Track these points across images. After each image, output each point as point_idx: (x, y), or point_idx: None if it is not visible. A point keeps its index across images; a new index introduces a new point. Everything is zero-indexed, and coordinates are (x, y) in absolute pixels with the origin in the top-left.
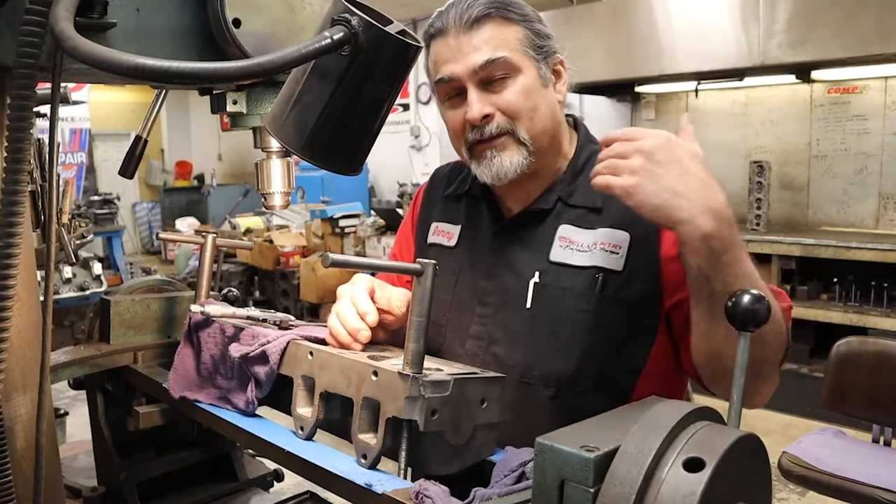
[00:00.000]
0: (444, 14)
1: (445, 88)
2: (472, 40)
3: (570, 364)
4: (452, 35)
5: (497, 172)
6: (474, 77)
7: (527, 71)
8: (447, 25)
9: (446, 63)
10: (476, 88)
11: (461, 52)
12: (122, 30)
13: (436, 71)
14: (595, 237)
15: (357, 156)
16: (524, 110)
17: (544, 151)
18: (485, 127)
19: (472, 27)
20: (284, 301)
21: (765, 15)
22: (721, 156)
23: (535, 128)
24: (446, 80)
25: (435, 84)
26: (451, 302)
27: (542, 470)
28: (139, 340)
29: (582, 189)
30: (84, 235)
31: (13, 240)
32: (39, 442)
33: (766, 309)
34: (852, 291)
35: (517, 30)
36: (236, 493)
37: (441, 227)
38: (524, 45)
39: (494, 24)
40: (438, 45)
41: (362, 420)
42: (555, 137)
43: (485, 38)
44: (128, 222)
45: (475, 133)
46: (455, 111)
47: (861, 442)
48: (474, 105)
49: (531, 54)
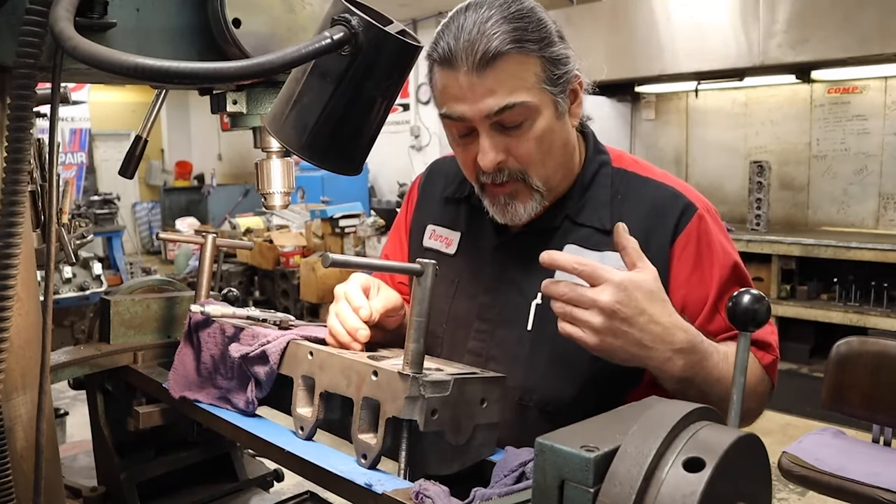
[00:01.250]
0: (451, 40)
1: (454, 125)
2: (486, 81)
3: (571, 390)
4: (463, 72)
5: (511, 218)
6: (486, 122)
7: (544, 111)
8: (456, 58)
9: (456, 101)
10: (488, 133)
11: (473, 93)
12: (122, 30)
13: (443, 103)
14: (602, 260)
15: (357, 156)
16: (538, 157)
17: (556, 184)
18: (497, 172)
19: (486, 66)
20: (284, 301)
21: (765, 15)
22: (721, 156)
23: (548, 171)
24: (455, 117)
25: (441, 115)
26: (448, 313)
27: (542, 470)
28: (139, 340)
29: (590, 207)
30: (84, 235)
31: (13, 240)
32: (39, 442)
33: (766, 309)
34: (852, 291)
35: (534, 63)
36: (236, 493)
37: (439, 231)
38: (541, 81)
39: (511, 61)
40: (446, 77)
41: (362, 420)
42: (567, 166)
43: (500, 80)
44: (128, 222)
45: (486, 177)
46: (465, 149)
47: (861, 442)
48: (487, 153)
49: (548, 89)
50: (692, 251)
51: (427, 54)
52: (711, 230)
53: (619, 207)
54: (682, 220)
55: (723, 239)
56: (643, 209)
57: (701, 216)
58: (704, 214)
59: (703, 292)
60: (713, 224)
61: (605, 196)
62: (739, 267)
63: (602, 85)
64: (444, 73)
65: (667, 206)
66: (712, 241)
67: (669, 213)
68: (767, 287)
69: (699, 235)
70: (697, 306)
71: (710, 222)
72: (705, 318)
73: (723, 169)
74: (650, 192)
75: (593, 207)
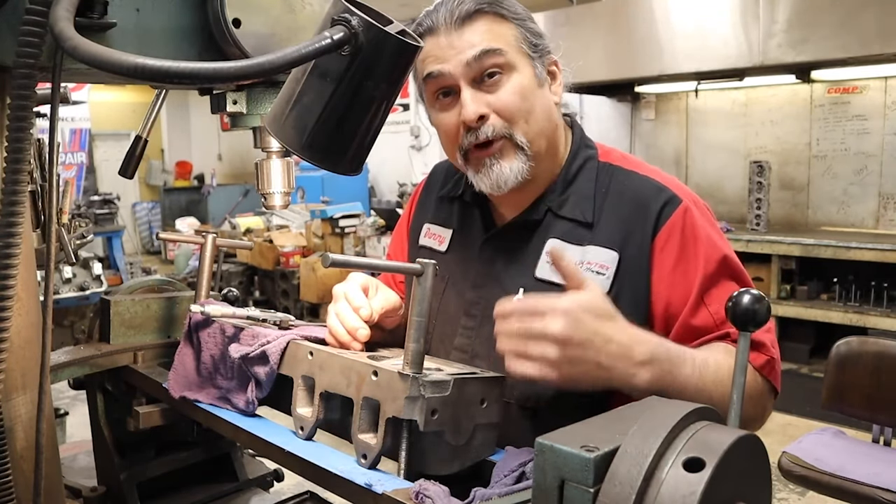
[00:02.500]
0: (433, 12)
1: (434, 86)
2: (464, 36)
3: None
4: (443, 33)
5: (497, 181)
6: (468, 73)
7: (522, 69)
8: (437, 23)
9: (437, 61)
10: (469, 87)
11: (453, 48)
12: (122, 30)
13: (423, 68)
14: (583, 255)
15: (357, 156)
16: (520, 111)
17: (542, 156)
18: (480, 129)
19: (463, 23)
20: (284, 301)
21: (765, 15)
22: (721, 156)
23: (532, 130)
24: (435, 74)
25: (423, 81)
26: (438, 310)
27: (542, 470)
28: (139, 340)
29: (573, 200)
30: (84, 235)
31: (13, 240)
32: (39, 442)
33: (766, 309)
34: (852, 291)
35: (510, 27)
36: (236, 493)
37: (433, 229)
38: (518, 41)
39: (487, 19)
40: (428, 43)
41: (362, 420)
42: (552, 141)
43: (478, 32)
44: (128, 222)
45: (470, 136)
46: (447, 114)
47: (861, 442)
48: (468, 105)
49: (526, 51)
50: (676, 244)
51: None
52: (698, 223)
53: (602, 201)
54: (664, 212)
55: (711, 232)
56: (626, 202)
57: (686, 208)
58: (690, 207)
59: (688, 286)
60: (700, 217)
61: (590, 190)
62: (730, 260)
63: (602, 85)
64: (426, 41)
65: (650, 199)
66: (698, 234)
67: (652, 206)
68: (767, 287)
69: (683, 227)
70: (681, 301)
71: (697, 215)
72: (689, 311)
73: (723, 169)
74: (633, 186)
75: (576, 200)
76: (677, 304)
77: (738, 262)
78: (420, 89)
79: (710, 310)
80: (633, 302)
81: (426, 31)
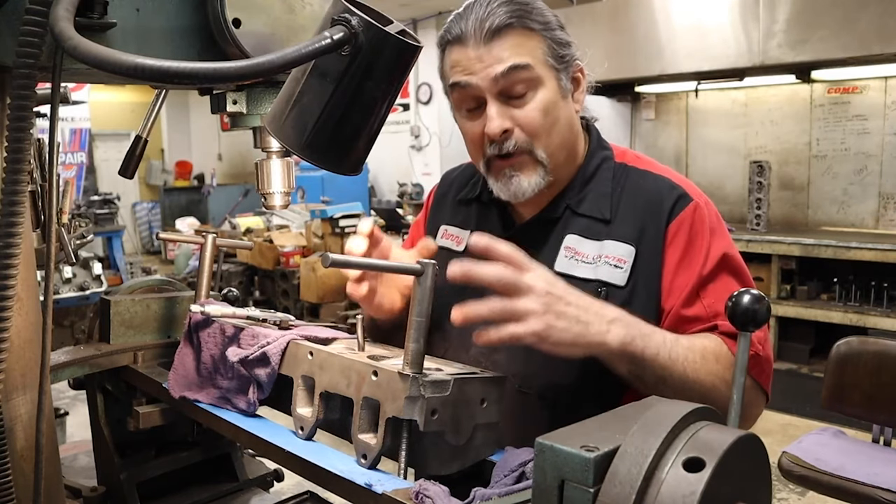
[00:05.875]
0: (461, 20)
1: (461, 96)
2: (493, 50)
3: (569, 378)
4: (472, 45)
5: (515, 192)
6: (494, 87)
7: (548, 83)
8: (466, 33)
9: (465, 73)
10: (496, 101)
11: (482, 62)
12: (122, 30)
13: (451, 76)
14: (601, 249)
15: (357, 156)
16: (543, 127)
17: (560, 165)
18: (504, 143)
19: (493, 37)
20: (284, 301)
21: (765, 15)
22: (721, 156)
23: (553, 144)
24: (463, 85)
25: (449, 88)
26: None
27: (542, 470)
28: (139, 340)
29: (590, 197)
30: (84, 235)
31: (13, 240)
32: (39, 442)
33: (766, 309)
34: (852, 291)
35: (539, 40)
36: (236, 493)
37: (451, 230)
38: (546, 55)
39: (516, 33)
40: (456, 52)
41: (362, 420)
42: (571, 149)
43: (506, 48)
44: (128, 222)
45: (493, 148)
46: (472, 123)
47: (861, 442)
48: (494, 120)
49: (552, 64)
50: (684, 237)
51: (438, 41)
52: (706, 220)
53: (618, 199)
54: (676, 207)
55: (717, 229)
56: (641, 200)
57: (697, 206)
58: (701, 205)
59: (688, 278)
60: (709, 215)
61: (606, 188)
62: (731, 258)
63: (602, 85)
64: (455, 50)
65: (663, 196)
66: (704, 230)
67: (665, 202)
68: (767, 287)
69: (692, 223)
70: (680, 291)
71: (707, 214)
72: (682, 302)
73: (723, 169)
74: (648, 184)
75: (594, 198)
76: (676, 293)
77: (740, 260)
78: (446, 90)
79: (703, 303)
80: (647, 294)
81: (454, 40)
